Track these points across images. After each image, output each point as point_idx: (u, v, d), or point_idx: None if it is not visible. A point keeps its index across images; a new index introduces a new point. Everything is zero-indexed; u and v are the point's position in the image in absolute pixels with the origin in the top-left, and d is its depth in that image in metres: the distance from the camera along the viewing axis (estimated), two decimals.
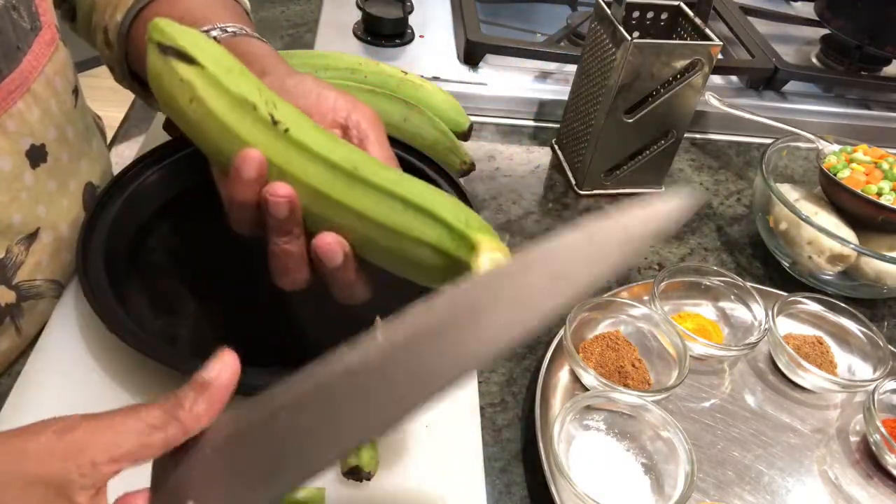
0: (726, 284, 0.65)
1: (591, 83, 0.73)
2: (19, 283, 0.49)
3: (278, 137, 0.40)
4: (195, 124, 0.41)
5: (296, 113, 0.42)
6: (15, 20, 0.45)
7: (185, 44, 0.40)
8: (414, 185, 0.40)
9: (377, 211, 0.39)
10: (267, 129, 0.40)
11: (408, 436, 0.49)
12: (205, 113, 0.40)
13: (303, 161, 0.40)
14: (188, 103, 0.41)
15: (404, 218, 0.39)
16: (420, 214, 0.39)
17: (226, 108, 0.40)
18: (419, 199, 0.39)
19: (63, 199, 0.52)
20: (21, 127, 0.46)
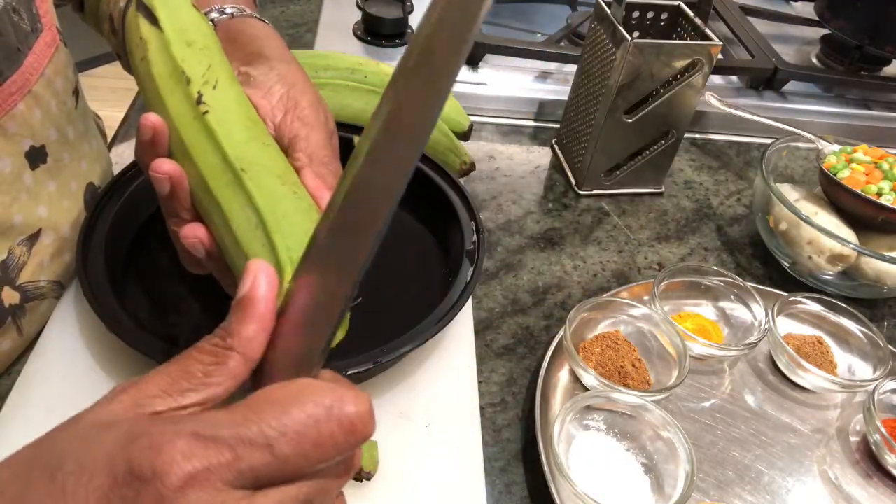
0: (726, 284, 0.65)
1: (591, 83, 0.73)
2: (23, 284, 0.49)
3: (196, 118, 0.40)
4: (139, 83, 0.42)
5: (234, 101, 0.41)
6: (15, 22, 0.45)
7: (158, 5, 0.41)
8: (286, 205, 0.38)
9: (235, 217, 0.38)
10: (189, 106, 0.40)
11: (408, 436, 0.49)
12: (146, 73, 0.41)
13: (204, 147, 0.40)
14: (139, 61, 0.42)
15: (250, 235, 0.38)
16: (262, 236, 0.37)
17: (164, 75, 0.41)
18: (271, 221, 0.37)
19: (64, 199, 0.52)
20: (21, 128, 0.46)
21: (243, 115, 0.41)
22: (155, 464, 0.22)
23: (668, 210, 0.77)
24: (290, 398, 0.24)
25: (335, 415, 0.24)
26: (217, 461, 0.22)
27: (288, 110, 0.44)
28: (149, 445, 0.22)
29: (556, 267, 0.68)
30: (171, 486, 0.21)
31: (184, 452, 0.22)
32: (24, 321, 0.50)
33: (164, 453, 0.22)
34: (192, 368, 0.26)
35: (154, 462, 0.22)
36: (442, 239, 0.61)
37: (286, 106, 0.44)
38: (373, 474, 0.45)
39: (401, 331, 0.48)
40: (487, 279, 0.65)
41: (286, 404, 0.24)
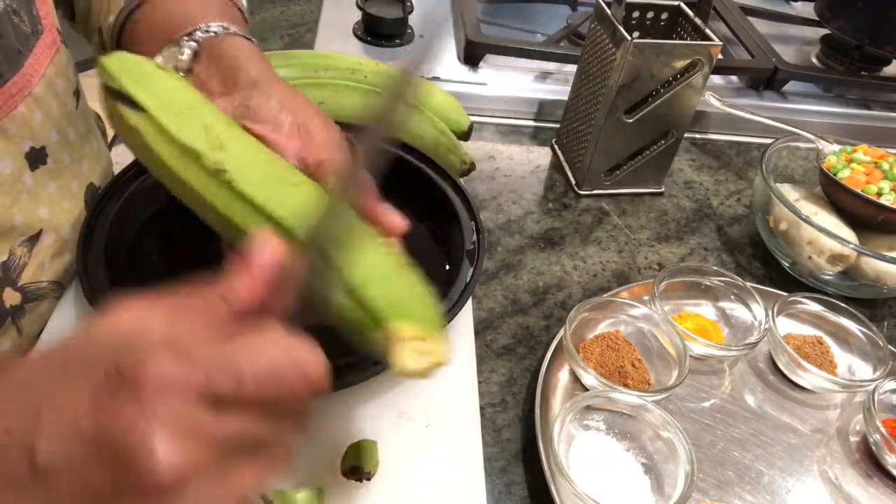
0: (726, 284, 0.65)
1: (591, 83, 0.73)
2: (25, 285, 0.49)
3: (221, 187, 0.40)
4: (148, 165, 0.42)
5: (244, 150, 0.41)
6: (16, 24, 0.45)
7: (130, 87, 0.40)
8: (368, 259, 0.38)
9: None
10: (212, 178, 0.40)
11: (408, 436, 0.49)
12: (153, 160, 0.41)
13: (249, 213, 0.40)
14: (138, 148, 0.41)
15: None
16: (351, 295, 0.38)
17: (173, 156, 0.40)
18: (355, 277, 0.37)
19: (64, 200, 0.52)
20: (22, 130, 0.46)
21: (259, 160, 0.41)
22: (138, 368, 0.25)
23: (668, 210, 0.77)
24: (262, 342, 0.28)
25: (297, 366, 0.28)
26: (190, 379, 0.26)
27: (303, 140, 0.44)
28: (138, 357, 0.26)
29: (556, 267, 0.68)
30: (148, 387, 0.25)
31: (164, 364, 0.25)
32: (24, 321, 0.50)
33: (149, 362, 0.25)
34: (186, 305, 0.30)
35: (138, 368, 0.25)
36: (442, 239, 0.61)
37: (300, 136, 0.44)
38: (373, 474, 0.45)
39: None
40: (487, 279, 0.65)
41: (258, 346, 0.28)
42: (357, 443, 0.46)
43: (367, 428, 0.49)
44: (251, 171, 0.40)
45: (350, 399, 0.50)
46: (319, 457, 0.47)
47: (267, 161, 0.41)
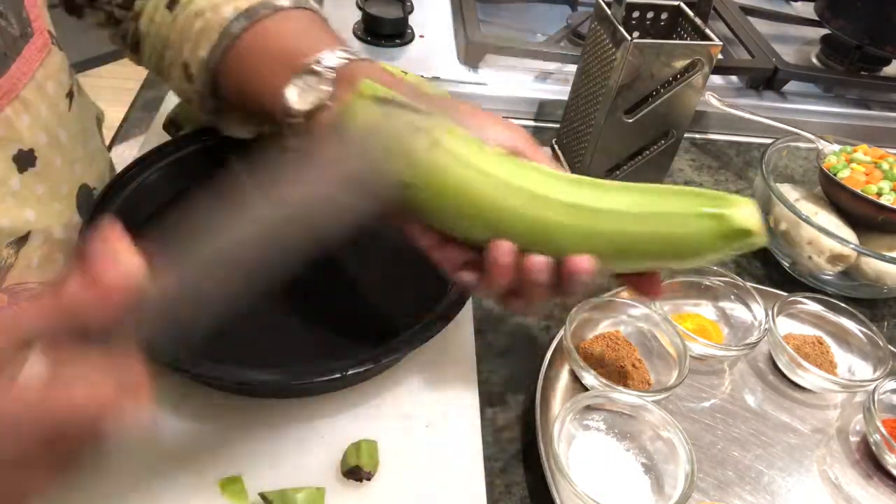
0: (726, 284, 0.65)
1: (591, 83, 0.73)
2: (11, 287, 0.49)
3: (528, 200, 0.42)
4: (435, 172, 0.42)
5: (515, 164, 0.43)
6: (3, 27, 0.44)
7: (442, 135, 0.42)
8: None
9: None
10: (515, 191, 0.42)
11: (408, 436, 0.49)
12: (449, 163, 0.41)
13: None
14: (427, 149, 0.41)
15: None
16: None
17: (471, 163, 0.42)
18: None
19: (54, 202, 0.51)
20: (8, 133, 0.46)
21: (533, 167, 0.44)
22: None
23: None
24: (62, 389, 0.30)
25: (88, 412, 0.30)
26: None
27: (515, 140, 0.46)
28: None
29: None
30: None
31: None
32: None
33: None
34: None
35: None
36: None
37: (512, 136, 0.46)
38: (373, 474, 0.45)
39: (401, 331, 0.48)
40: None
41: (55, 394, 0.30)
42: (357, 443, 0.46)
43: (367, 428, 0.49)
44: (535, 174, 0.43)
45: (350, 399, 0.50)
46: (319, 457, 0.47)
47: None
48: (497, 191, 0.41)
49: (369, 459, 0.45)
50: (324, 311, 0.55)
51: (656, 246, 0.42)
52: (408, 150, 0.40)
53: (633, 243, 0.42)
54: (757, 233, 0.40)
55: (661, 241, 0.41)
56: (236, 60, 0.52)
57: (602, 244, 0.42)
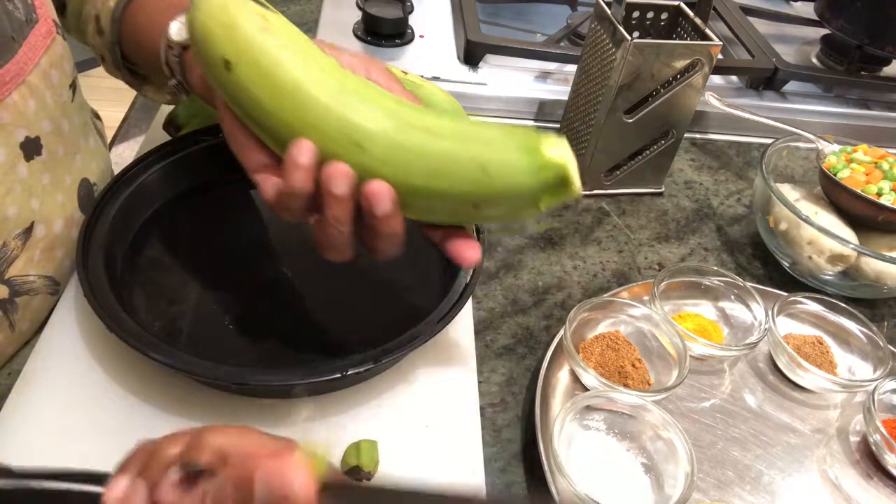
0: (726, 284, 0.65)
1: (591, 83, 0.73)
2: (11, 278, 0.49)
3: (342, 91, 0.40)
4: (255, 49, 0.40)
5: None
6: (9, 11, 0.45)
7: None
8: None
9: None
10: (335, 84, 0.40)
11: (408, 436, 0.49)
12: (280, 46, 0.40)
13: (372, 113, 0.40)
14: (258, 29, 0.40)
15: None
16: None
17: (298, 56, 0.40)
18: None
19: (57, 193, 0.52)
20: (16, 118, 0.46)
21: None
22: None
23: (668, 210, 0.77)
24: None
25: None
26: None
27: (367, 68, 0.45)
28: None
29: (556, 267, 0.68)
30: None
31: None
32: (17, 317, 0.50)
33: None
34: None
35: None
36: None
37: (364, 65, 0.45)
38: (373, 474, 0.45)
39: (401, 331, 0.48)
40: (487, 279, 0.65)
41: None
42: (357, 443, 0.46)
43: (367, 428, 0.49)
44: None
45: (350, 399, 0.50)
46: None
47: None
48: (310, 78, 0.39)
49: (369, 459, 0.45)
50: (324, 312, 0.55)
51: (467, 172, 0.39)
52: (238, 26, 0.40)
53: (444, 163, 0.39)
54: (568, 171, 0.39)
55: (473, 167, 0.39)
56: (136, 10, 0.54)
57: (411, 161, 0.39)
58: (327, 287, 0.56)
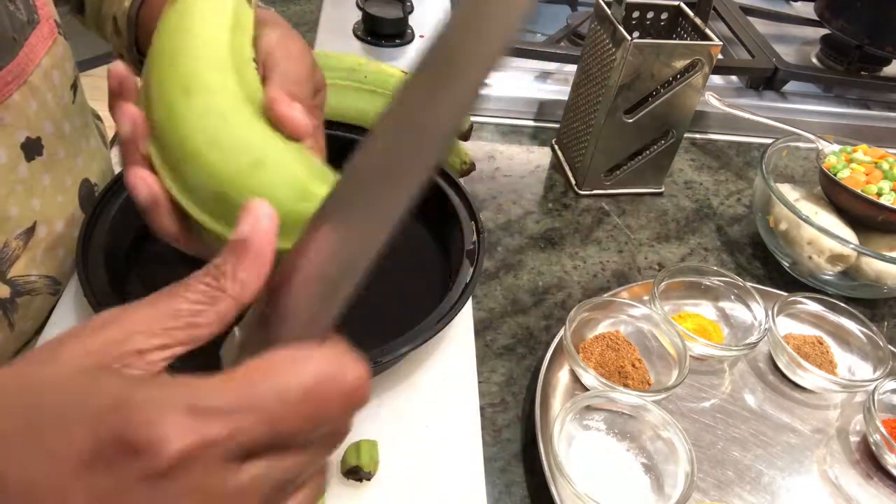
0: (726, 284, 0.65)
1: (591, 83, 0.73)
2: (13, 278, 0.49)
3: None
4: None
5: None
6: (11, 11, 0.45)
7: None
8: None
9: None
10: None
11: (408, 436, 0.49)
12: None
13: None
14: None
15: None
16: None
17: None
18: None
19: (58, 194, 0.52)
20: (17, 119, 0.46)
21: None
22: (148, 437, 0.21)
23: (668, 210, 0.77)
24: (290, 367, 0.23)
25: (336, 385, 0.24)
26: (214, 436, 0.21)
27: (279, 46, 0.43)
28: (142, 418, 0.21)
29: (556, 267, 0.68)
30: (164, 462, 0.20)
31: (179, 427, 0.21)
32: (17, 316, 0.50)
33: (157, 427, 0.21)
34: (180, 306, 0.25)
35: (147, 435, 0.21)
36: (442, 239, 0.61)
37: (277, 44, 0.43)
38: (373, 474, 0.45)
39: (401, 331, 0.48)
40: (487, 279, 0.65)
41: (286, 374, 0.23)
42: (357, 443, 0.46)
43: (367, 428, 0.49)
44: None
45: None
46: None
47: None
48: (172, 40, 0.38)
49: (369, 459, 0.45)
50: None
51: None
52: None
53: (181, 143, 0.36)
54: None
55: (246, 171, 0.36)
56: (150, 10, 0.54)
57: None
58: None
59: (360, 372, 0.24)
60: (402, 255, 0.61)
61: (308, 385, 0.23)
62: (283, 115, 0.37)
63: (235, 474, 0.22)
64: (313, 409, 0.23)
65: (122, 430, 0.21)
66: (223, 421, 0.22)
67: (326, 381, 0.23)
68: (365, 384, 0.25)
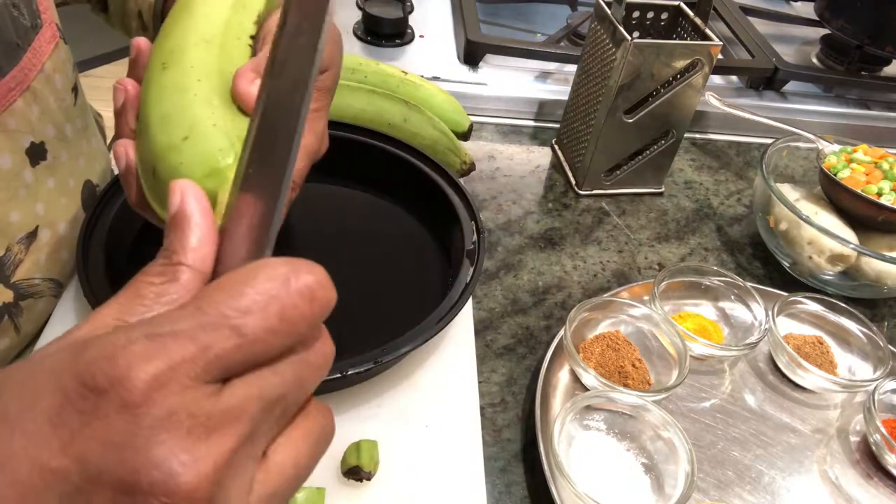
0: (726, 284, 0.65)
1: (591, 83, 0.73)
2: (17, 282, 0.49)
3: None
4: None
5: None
6: (15, 17, 0.45)
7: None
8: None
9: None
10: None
11: (408, 436, 0.49)
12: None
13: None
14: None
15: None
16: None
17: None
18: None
19: (62, 197, 0.52)
20: (21, 124, 0.46)
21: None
22: (111, 371, 0.20)
23: (668, 210, 0.77)
24: (242, 279, 0.23)
25: (293, 285, 0.23)
26: (181, 355, 0.20)
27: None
28: (101, 355, 0.20)
29: (556, 267, 0.68)
30: (135, 391, 0.20)
31: (141, 354, 0.20)
32: (22, 320, 0.50)
33: (119, 358, 0.20)
34: (144, 291, 0.24)
35: (110, 370, 0.20)
36: (442, 239, 0.61)
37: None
38: (373, 474, 0.45)
39: (401, 331, 0.48)
40: (487, 279, 0.65)
41: (241, 285, 0.22)
42: (357, 443, 0.46)
43: (367, 428, 0.49)
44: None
45: (350, 399, 0.50)
46: None
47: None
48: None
49: (369, 459, 0.45)
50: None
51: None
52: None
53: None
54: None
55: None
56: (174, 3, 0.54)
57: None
58: None
59: (316, 270, 0.24)
60: (403, 256, 0.61)
61: (265, 289, 0.22)
62: (239, 91, 0.37)
63: (217, 395, 0.21)
64: (276, 311, 0.22)
65: (83, 373, 0.20)
66: (186, 340, 0.21)
67: (282, 281, 0.23)
68: (324, 281, 0.24)
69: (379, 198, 0.64)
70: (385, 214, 0.64)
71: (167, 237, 0.26)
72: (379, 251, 0.61)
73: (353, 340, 0.53)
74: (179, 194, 0.26)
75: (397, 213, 0.63)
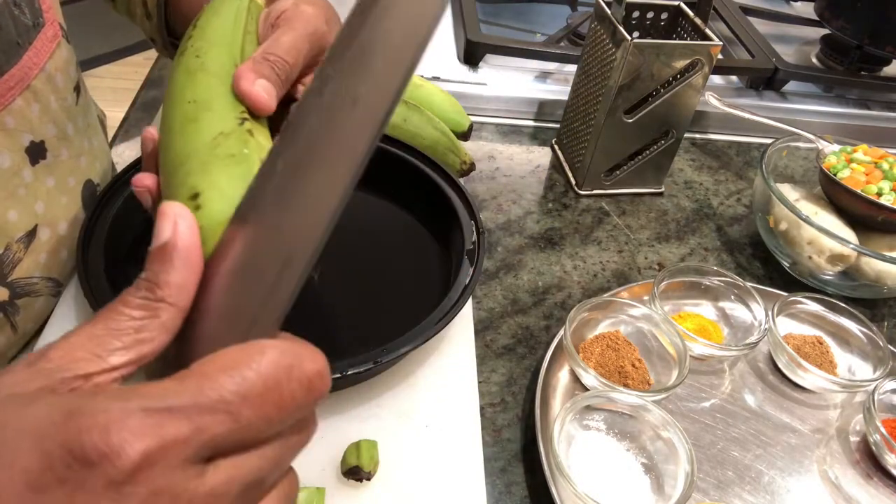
0: (726, 284, 0.65)
1: (591, 83, 0.73)
2: (13, 281, 0.49)
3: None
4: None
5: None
6: (16, 16, 0.45)
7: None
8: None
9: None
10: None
11: (408, 436, 0.49)
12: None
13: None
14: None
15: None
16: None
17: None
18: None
19: (62, 196, 0.52)
20: (20, 123, 0.46)
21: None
22: (102, 445, 0.19)
23: (668, 210, 0.77)
24: (245, 360, 0.22)
25: (295, 375, 0.23)
26: (174, 436, 0.20)
27: (285, 14, 0.43)
28: (93, 424, 0.20)
29: (556, 267, 0.68)
30: (124, 468, 0.19)
31: (136, 430, 0.20)
32: (19, 318, 0.50)
33: (112, 433, 0.19)
34: (122, 325, 0.24)
35: (101, 443, 0.19)
36: (442, 239, 0.61)
37: (286, 12, 0.43)
38: (373, 474, 0.45)
39: (401, 331, 0.48)
40: (487, 279, 0.65)
41: (242, 367, 0.22)
42: (357, 443, 0.46)
43: (367, 428, 0.49)
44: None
45: (350, 399, 0.50)
46: (319, 457, 0.47)
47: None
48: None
49: (369, 459, 0.45)
50: (323, 311, 0.55)
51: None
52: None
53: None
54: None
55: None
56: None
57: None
58: (327, 287, 0.56)
59: (319, 360, 0.24)
60: (402, 256, 0.61)
61: (267, 376, 0.22)
62: (242, 91, 0.37)
63: (202, 476, 0.21)
64: (275, 401, 0.22)
65: (72, 441, 0.19)
66: (182, 420, 0.21)
67: (285, 370, 0.23)
68: (324, 372, 0.24)
69: (379, 198, 0.64)
70: (385, 214, 0.64)
71: (151, 266, 0.25)
72: (379, 251, 0.61)
73: (353, 340, 0.53)
74: (170, 221, 0.26)
75: (397, 213, 0.63)
